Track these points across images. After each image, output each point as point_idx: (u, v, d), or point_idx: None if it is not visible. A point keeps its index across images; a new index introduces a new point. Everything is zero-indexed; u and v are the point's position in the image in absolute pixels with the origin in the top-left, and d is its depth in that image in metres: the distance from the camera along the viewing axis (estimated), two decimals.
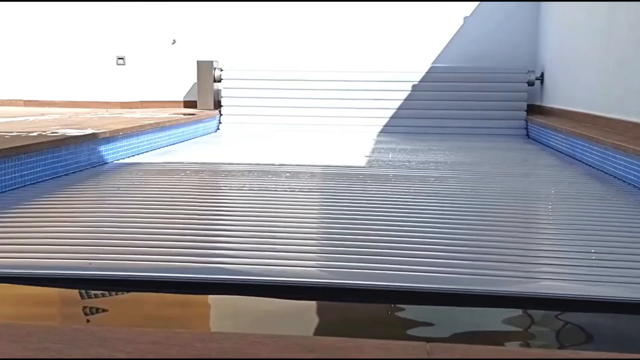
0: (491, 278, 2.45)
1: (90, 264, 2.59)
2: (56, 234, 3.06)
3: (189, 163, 5.43)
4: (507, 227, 3.30)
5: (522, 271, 2.60)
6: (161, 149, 6.47)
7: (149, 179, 4.58)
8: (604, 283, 2.43)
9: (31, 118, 6.79)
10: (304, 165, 5.19)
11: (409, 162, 5.56)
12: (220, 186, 4.55)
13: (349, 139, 7.56)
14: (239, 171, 4.90)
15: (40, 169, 4.42)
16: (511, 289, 2.37)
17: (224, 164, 5.41)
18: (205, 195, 4.30)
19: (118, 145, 5.63)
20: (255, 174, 4.76)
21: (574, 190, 4.34)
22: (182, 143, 7.04)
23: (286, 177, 4.59)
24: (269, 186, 4.26)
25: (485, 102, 8.38)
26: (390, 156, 5.93)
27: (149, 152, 6.20)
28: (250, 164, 5.24)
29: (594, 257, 2.69)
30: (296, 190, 4.13)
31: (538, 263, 2.78)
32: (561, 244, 3.08)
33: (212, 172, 5.05)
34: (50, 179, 4.50)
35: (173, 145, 6.75)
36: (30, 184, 4.27)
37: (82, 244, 2.92)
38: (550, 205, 3.97)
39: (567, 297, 2.30)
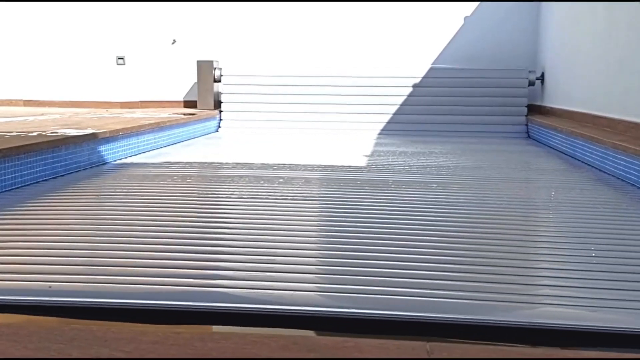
0: (497, 304, 2.18)
1: (50, 287, 2.18)
2: (16, 250, 2.73)
3: (185, 164, 5.38)
4: (515, 242, 3.03)
5: (525, 294, 2.32)
6: (161, 148, 6.47)
7: (143, 183, 4.44)
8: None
9: (31, 118, 6.79)
10: (301, 170, 5.10)
11: (410, 166, 5.43)
12: (215, 192, 4.34)
13: (348, 141, 7.52)
14: (237, 176, 4.76)
15: (40, 169, 4.42)
16: (519, 319, 2.06)
17: (222, 167, 5.34)
18: (199, 202, 4.05)
19: (118, 145, 5.63)
20: (254, 179, 4.62)
21: (583, 198, 4.09)
22: (182, 143, 7.03)
23: (279, 183, 4.46)
24: (266, 193, 4.10)
25: (486, 103, 8.35)
26: (390, 159, 5.85)
27: (149, 151, 6.20)
28: (249, 167, 5.17)
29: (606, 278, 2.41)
30: (289, 198, 3.98)
31: (547, 285, 2.49)
32: (574, 261, 2.73)
33: (209, 176, 4.93)
34: (50, 178, 4.49)
35: (172, 146, 6.75)
36: (30, 184, 4.26)
37: (44, 262, 2.53)
38: (559, 215, 3.71)
39: (583, 328, 1.98)
